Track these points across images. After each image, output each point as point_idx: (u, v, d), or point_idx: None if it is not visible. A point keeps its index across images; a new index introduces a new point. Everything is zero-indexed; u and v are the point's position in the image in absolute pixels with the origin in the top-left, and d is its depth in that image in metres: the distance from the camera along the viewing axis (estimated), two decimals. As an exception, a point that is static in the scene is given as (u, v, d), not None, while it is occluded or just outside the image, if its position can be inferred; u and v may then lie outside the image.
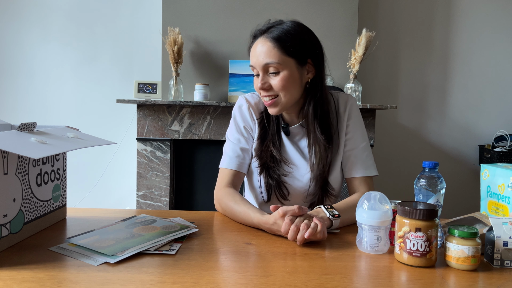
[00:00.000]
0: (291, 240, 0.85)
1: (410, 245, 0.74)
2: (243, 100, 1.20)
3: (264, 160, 1.13)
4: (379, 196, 0.81)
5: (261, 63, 1.05)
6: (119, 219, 0.98)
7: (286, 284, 0.65)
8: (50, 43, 2.80)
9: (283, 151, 1.16)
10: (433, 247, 0.74)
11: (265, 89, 1.06)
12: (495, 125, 2.85)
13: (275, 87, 1.06)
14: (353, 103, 1.18)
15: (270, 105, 1.08)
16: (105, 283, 0.65)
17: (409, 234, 0.74)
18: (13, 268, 0.70)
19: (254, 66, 1.07)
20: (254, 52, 1.07)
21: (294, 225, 0.85)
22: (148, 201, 2.49)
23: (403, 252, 0.76)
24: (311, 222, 0.86)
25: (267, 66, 1.05)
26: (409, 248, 0.74)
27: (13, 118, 2.76)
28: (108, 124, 2.82)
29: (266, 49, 1.05)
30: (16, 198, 0.80)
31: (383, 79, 2.87)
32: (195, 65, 2.55)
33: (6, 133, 0.80)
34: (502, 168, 0.93)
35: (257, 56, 1.06)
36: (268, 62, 1.04)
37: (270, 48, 1.04)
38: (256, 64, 1.06)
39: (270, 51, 1.04)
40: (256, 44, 1.07)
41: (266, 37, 1.06)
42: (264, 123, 1.16)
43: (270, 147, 1.13)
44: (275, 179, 1.13)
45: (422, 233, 0.73)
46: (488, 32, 2.84)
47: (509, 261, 0.75)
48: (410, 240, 0.74)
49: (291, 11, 2.47)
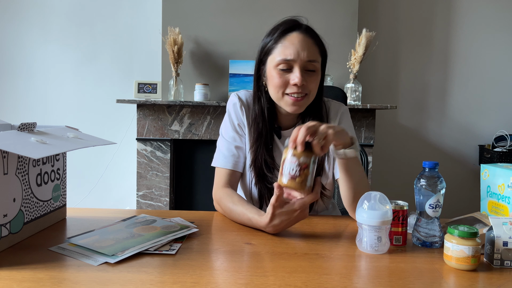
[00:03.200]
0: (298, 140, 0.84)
1: (289, 170, 0.83)
2: (236, 98, 1.16)
3: (258, 169, 1.10)
4: (379, 196, 0.81)
5: (305, 58, 1.01)
6: (119, 219, 0.98)
7: (286, 284, 0.65)
8: (50, 43, 2.80)
9: (276, 156, 1.13)
10: (303, 174, 0.83)
11: (301, 85, 1.02)
12: (495, 125, 2.85)
13: (309, 86, 1.03)
14: (345, 111, 1.17)
15: (299, 103, 1.03)
16: (105, 283, 0.65)
17: (285, 160, 0.85)
18: (13, 268, 0.69)
19: (294, 59, 1.00)
20: (294, 44, 1.01)
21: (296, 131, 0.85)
22: (148, 201, 2.49)
23: (282, 177, 0.84)
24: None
25: (309, 63, 1.02)
26: (288, 172, 0.83)
27: (13, 118, 2.76)
28: (108, 124, 2.82)
29: (310, 45, 1.02)
30: (16, 198, 0.80)
31: (383, 79, 2.87)
32: (195, 65, 2.55)
33: (6, 133, 0.80)
34: (502, 168, 0.94)
35: (300, 49, 1.00)
36: (312, 59, 1.01)
37: (312, 45, 1.02)
38: (298, 57, 1.00)
39: (312, 48, 1.02)
40: (296, 36, 1.02)
41: (306, 33, 1.03)
42: (259, 125, 1.11)
43: (264, 153, 1.10)
44: (268, 189, 1.11)
45: (296, 158, 0.83)
46: (488, 32, 2.84)
47: (509, 261, 0.75)
48: (286, 166, 0.84)
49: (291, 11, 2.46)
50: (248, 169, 1.13)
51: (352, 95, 2.46)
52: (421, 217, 0.87)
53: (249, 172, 1.13)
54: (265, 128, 1.10)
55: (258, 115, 1.11)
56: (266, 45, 1.07)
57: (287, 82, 1.03)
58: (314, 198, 0.86)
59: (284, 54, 1.01)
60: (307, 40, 1.02)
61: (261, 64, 1.09)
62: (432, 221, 0.86)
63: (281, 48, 1.02)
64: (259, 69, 1.10)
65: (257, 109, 1.11)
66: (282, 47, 1.02)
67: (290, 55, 1.01)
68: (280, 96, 1.05)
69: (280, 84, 1.03)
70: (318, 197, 0.86)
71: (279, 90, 1.04)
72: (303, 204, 0.86)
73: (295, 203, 0.86)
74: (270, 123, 1.12)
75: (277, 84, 1.03)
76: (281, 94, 1.04)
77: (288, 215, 0.86)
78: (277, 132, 1.13)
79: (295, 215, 0.87)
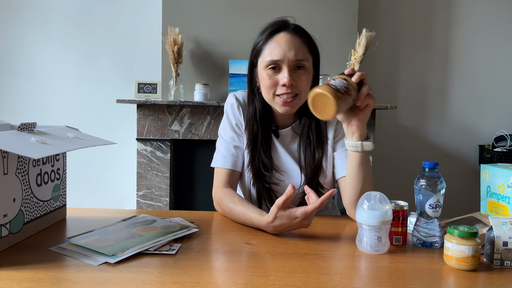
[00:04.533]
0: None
1: (335, 83, 0.85)
2: (233, 99, 1.16)
3: (256, 169, 1.11)
4: (379, 196, 0.81)
5: (292, 57, 1.01)
6: (119, 219, 0.98)
7: (286, 284, 0.65)
8: (50, 43, 2.80)
9: (274, 156, 1.13)
10: (345, 95, 0.85)
11: (290, 86, 1.02)
12: (495, 125, 2.85)
13: (299, 85, 1.03)
14: None
15: (289, 104, 1.04)
16: (105, 283, 0.65)
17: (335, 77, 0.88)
18: (13, 268, 0.69)
19: (281, 59, 1.01)
20: (281, 45, 1.02)
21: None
22: (148, 201, 2.49)
23: (326, 86, 0.84)
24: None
25: (297, 62, 1.02)
26: (332, 84, 0.85)
27: (13, 118, 2.76)
28: (108, 124, 2.82)
29: (297, 45, 1.02)
30: (16, 198, 0.80)
31: (383, 79, 2.87)
32: (195, 65, 2.55)
33: (6, 133, 0.80)
34: (502, 168, 0.93)
35: (286, 49, 1.01)
36: (300, 58, 1.02)
37: (300, 44, 1.03)
38: (285, 57, 1.01)
39: (300, 47, 1.02)
40: (283, 37, 1.03)
41: (294, 32, 1.03)
42: (253, 126, 1.11)
43: (261, 153, 1.10)
44: (266, 189, 1.12)
45: (347, 82, 0.86)
46: (488, 32, 2.84)
47: (509, 261, 0.75)
48: (334, 80, 0.86)
49: (291, 11, 2.47)
50: (246, 169, 1.13)
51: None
52: (421, 217, 0.87)
53: (247, 172, 1.13)
54: (260, 129, 1.11)
55: (251, 117, 1.12)
56: (256, 46, 1.08)
57: (277, 83, 1.03)
58: (317, 208, 0.85)
59: (271, 55, 1.02)
60: (295, 39, 1.03)
61: (253, 66, 1.11)
62: (432, 221, 0.86)
63: (269, 49, 1.03)
64: (252, 70, 1.11)
65: (251, 110, 1.12)
66: (270, 48, 1.03)
67: (277, 56, 1.02)
68: (271, 97, 1.06)
69: (270, 85, 1.04)
70: (321, 207, 0.85)
71: (269, 91, 1.05)
72: (305, 212, 0.85)
73: (297, 210, 0.86)
74: (267, 123, 1.13)
75: (267, 86, 1.04)
76: (272, 95, 1.05)
77: (288, 220, 0.86)
78: (275, 132, 1.14)
79: (296, 221, 0.86)
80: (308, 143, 1.12)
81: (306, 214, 0.85)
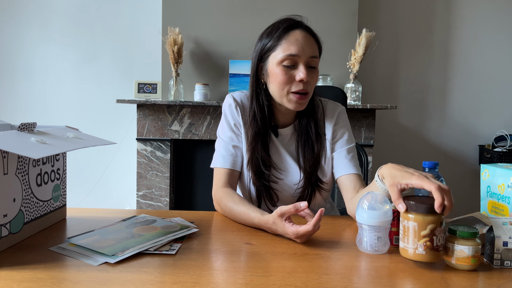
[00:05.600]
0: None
1: (437, 241, 0.70)
2: (231, 99, 1.16)
3: (256, 167, 1.11)
4: (379, 196, 0.81)
5: (309, 54, 1.03)
6: (119, 219, 0.98)
7: (286, 284, 0.65)
8: (50, 43, 2.80)
9: (273, 154, 1.14)
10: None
11: (305, 82, 1.03)
12: (495, 125, 2.85)
13: (311, 82, 1.05)
14: (342, 111, 1.18)
15: (302, 101, 1.05)
16: (105, 283, 0.65)
17: (435, 231, 0.70)
18: (13, 268, 0.69)
19: (299, 54, 1.02)
20: (298, 40, 1.03)
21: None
22: (148, 201, 2.49)
23: (430, 251, 0.70)
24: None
25: (311, 60, 1.04)
26: (436, 245, 0.70)
27: (13, 118, 2.76)
28: (108, 124, 2.82)
29: (312, 42, 1.04)
30: (16, 198, 0.80)
31: (383, 79, 2.87)
32: (195, 65, 2.55)
33: (6, 133, 0.80)
34: (502, 168, 0.93)
35: (304, 46, 1.02)
36: (314, 55, 1.04)
37: (313, 42, 1.05)
38: (303, 54, 1.02)
39: (313, 45, 1.04)
40: (300, 33, 1.04)
41: (308, 31, 1.05)
42: (256, 124, 1.11)
43: (261, 151, 1.10)
44: (265, 187, 1.12)
45: (440, 228, 0.71)
46: (488, 32, 2.84)
47: (509, 261, 0.75)
48: (436, 237, 0.69)
49: (291, 11, 2.47)
50: (245, 168, 1.14)
51: (352, 95, 2.46)
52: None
53: (246, 171, 1.13)
54: (263, 126, 1.11)
55: (257, 113, 1.11)
56: (267, 43, 1.07)
57: (292, 79, 1.03)
58: (309, 231, 0.81)
59: (289, 50, 1.02)
60: (309, 37, 1.05)
61: (260, 63, 1.10)
62: (432, 221, 0.85)
63: (285, 45, 1.03)
64: (257, 67, 1.11)
65: (256, 107, 1.11)
66: (286, 43, 1.03)
67: (295, 51, 1.02)
68: (285, 93, 1.05)
69: (285, 81, 1.03)
70: (314, 231, 0.82)
71: (284, 87, 1.04)
72: (296, 232, 0.82)
73: (290, 227, 0.83)
74: (267, 121, 1.13)
75: (282, 81, 1.03)
76: (286, 91, 1.05)
77: (282, 231, 0.86)
78: (274, 131, 1.14)
79: (288, 235, 0.85)
80: (306, 139, 1.13)
81: (296, 234, 0.83)
